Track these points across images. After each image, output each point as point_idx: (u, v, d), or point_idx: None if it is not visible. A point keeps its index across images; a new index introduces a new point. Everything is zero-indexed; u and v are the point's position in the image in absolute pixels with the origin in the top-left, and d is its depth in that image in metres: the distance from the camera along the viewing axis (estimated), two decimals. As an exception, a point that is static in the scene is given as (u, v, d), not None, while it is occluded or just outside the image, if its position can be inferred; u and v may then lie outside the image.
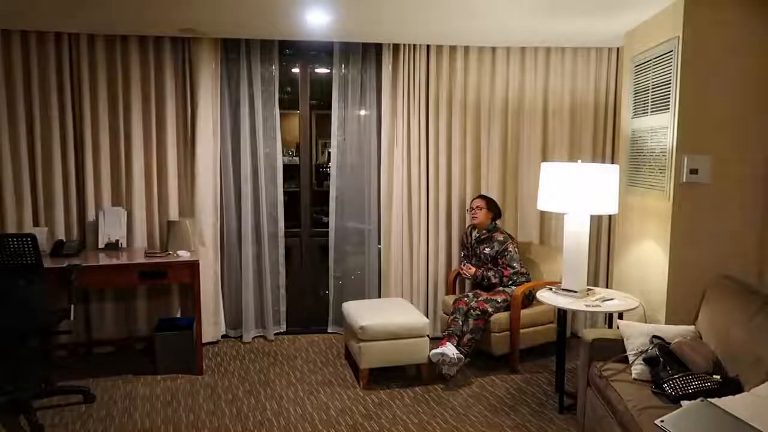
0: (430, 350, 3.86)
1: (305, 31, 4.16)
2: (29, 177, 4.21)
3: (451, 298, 4.40)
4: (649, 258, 3.55)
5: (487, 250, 4.35)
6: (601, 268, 4.83)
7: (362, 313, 3.96)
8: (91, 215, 4.33)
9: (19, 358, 3.67)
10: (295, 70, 4.91)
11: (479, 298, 4.12)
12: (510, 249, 4.31)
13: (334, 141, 4.78)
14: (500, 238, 4.34)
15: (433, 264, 4.79)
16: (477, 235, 4.45)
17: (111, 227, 4.27)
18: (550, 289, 3.66)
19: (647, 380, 2.73)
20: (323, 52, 4.78)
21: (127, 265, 3.90)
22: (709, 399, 2.33)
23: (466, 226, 4.68)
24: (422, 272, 4.79)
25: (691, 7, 3.17)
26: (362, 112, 4.81)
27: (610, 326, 3.82)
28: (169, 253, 4.07)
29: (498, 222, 4.49)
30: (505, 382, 3.95)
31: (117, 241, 4.26)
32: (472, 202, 4.50)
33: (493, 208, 4.44)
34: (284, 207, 4.76)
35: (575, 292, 3.49)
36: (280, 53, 4.66)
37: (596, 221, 4.74)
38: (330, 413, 3.49)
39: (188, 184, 4.51)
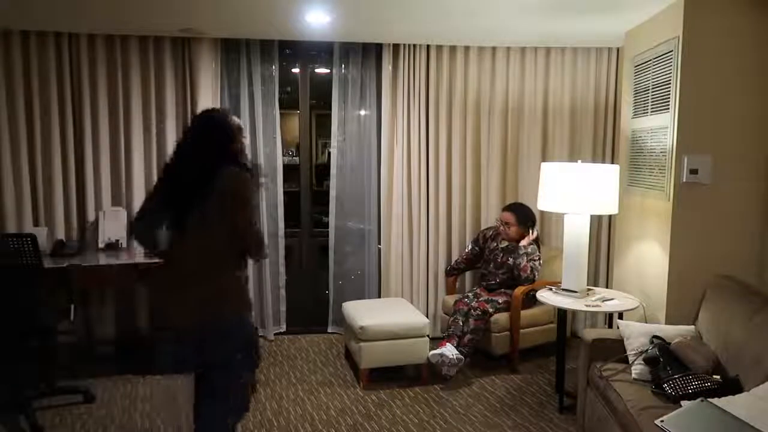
0: (430, 350, 3.86)
1: (305, 31, 4.16)
2: (29, 177, 4.21)
3: (451, 299, 4.40)
4: (649, 258, 3.55)
5: (511, 261, 4.25)
6: (601, 268, 4.83)
7: (362, 313, 3.96)
8: (91, 215, 4.33)
9: (19, 358, 3.67)
10: (295, 70, 4.91)
11: (480, 299, 4.12)
12: (537, 260, 4.19)
13: (334, 141, 4.78)
14: (529, 249, 4.20)
15: (433, 264, 4.78)
16: (506, 244, 4.32)
17: (111, 227, 4.26)
18: (550, 289, 3.66)
19: (647, 380, 2.73)
20: (323, 52, 4.78)
21: (127, 265, 3.90)
22: (709, 399, 2.33)
23: (486, 227, 4.61)
24: (422, 272, 4.79)
25: (691, 7, 3.17)
26: (362, 112, 4.81)
27: (610, 326, 3.82)
28: (169, 253, 4.06)
29: (532, 230, 4.26)
30: (505, 382, 3.95)
31: (117, 241, 4.26)
32: (501, 215, 4.34)
33: (523, 220, 4.27)
34: (284, 207, 4.76)
35: (575, 292, 3.49)
36: (280, 53, 4.65)
37: (596, 221, 4.73)
38: (330, 413, 3.49)
39: (188, 184, 4.50)
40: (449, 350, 3.84)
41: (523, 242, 4.21)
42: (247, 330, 2.43)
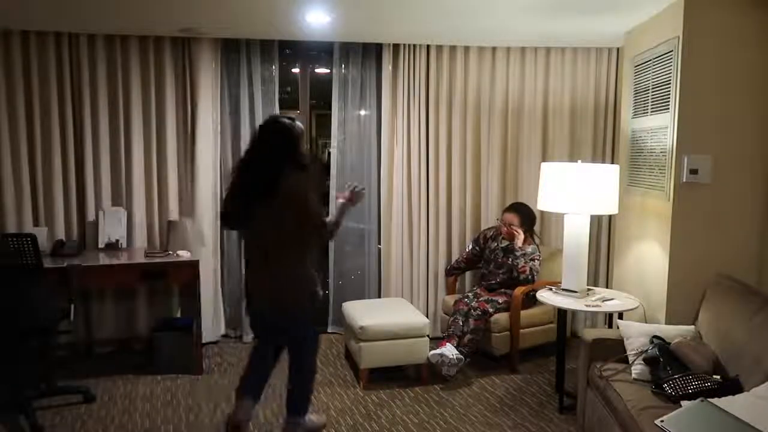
0: (430, 350, 3.86)
1: (305, 31, 4.16)
2: (29, 177, 4.21)
3: (451, 299, 4.40)
4: (649, 258, 3.55)
5: (511, 260, 4.22)
6: (601, 268, 4.83)
7: (362, 313, 3.96)
8: (91, 215, 4.33)
9: (19, 358, 3.67)
10: (295, 70, 4.91)
11: (480, 299, 4.11)
12: (537, 260, 4.18)
13: (334, 141, 4.78)
14: (528, 249, 4.20)
15: (433, 264, 4.78)
16: (506, 244, 4.30)
17: (111, 227, 4.26)
18: (550, 289, 3.66)
19: (647, 380, 2.73)
20: (323, 52, 4.78)
21: (127, 265, 3.91)
22: (709, 399, 2.33)
23: (487, 227, 4.60)
24: (422, 272, 4.79)
25: (691, 7, 3.17)
26: (362, 112, 4.81)
27: (610, 326, 3.82)
28: (169, 253, 4.07)
29: (518, 232, 4.21)
30: (505, 382, 3.95)
31: (117, 241, 4.26)
32: (504, 216, 4.31)
33: (526, 220, 4.26)
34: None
35: (575, 292, 3.49)
36: (280, 53, 4.64)
37: (596, 221, 4.73)
38: (330, 413, 3.49)
39: (188, 184, 4.51)
40: (449, 350, 3.84)
41: (518, 243, 4.20)
42: (315, 305, 2.93)
